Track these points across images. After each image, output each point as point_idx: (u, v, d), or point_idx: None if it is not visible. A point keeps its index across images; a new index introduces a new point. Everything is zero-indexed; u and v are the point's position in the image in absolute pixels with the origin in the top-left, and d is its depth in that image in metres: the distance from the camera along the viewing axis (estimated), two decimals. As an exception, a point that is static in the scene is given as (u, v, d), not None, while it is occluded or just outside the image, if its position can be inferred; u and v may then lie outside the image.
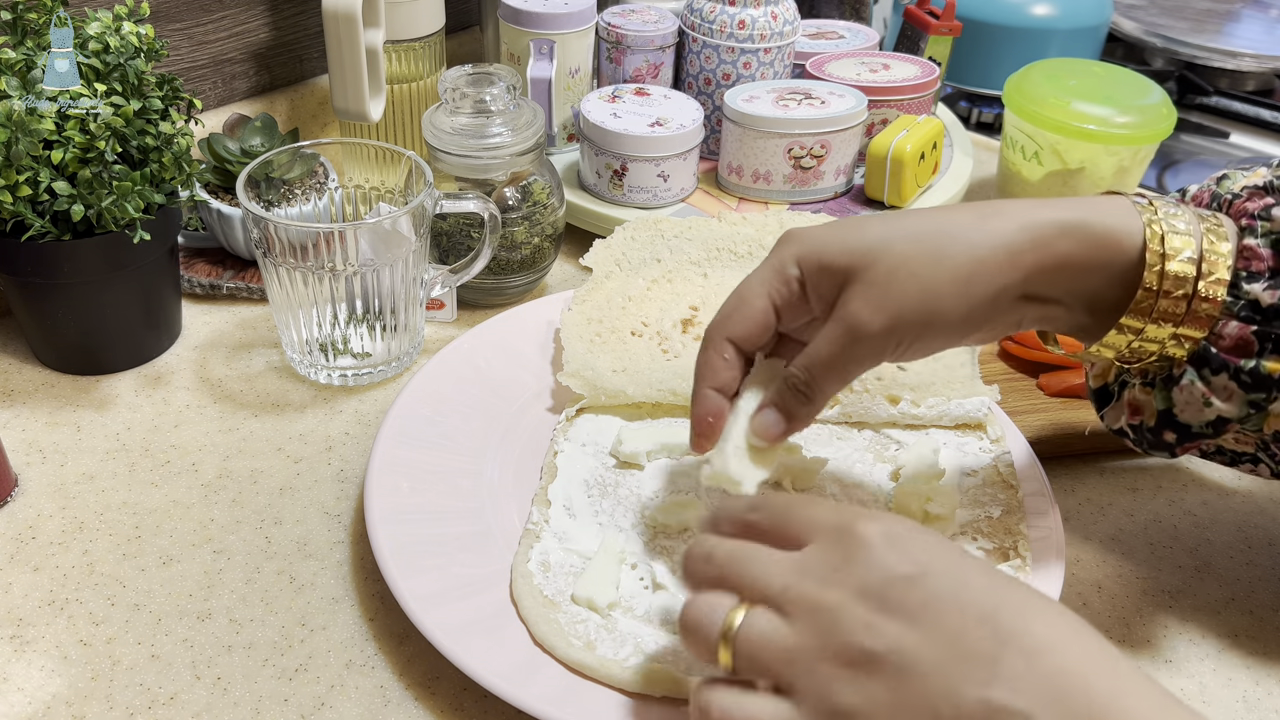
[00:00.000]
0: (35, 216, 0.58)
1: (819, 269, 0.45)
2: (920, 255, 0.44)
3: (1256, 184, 0.45)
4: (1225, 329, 0.44)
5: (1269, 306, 0.43)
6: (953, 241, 0.44)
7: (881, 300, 0.44)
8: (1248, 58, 1.19)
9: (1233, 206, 0.45)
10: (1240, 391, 0.44)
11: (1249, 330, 0.43)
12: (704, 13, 0.82)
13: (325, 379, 0.66)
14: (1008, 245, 0.43)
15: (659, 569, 0.52)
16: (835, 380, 0.46)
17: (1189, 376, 0.45)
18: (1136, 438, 0.48)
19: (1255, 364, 0.43)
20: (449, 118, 0.68)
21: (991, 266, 0.43)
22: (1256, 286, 0.43)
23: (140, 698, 0.47)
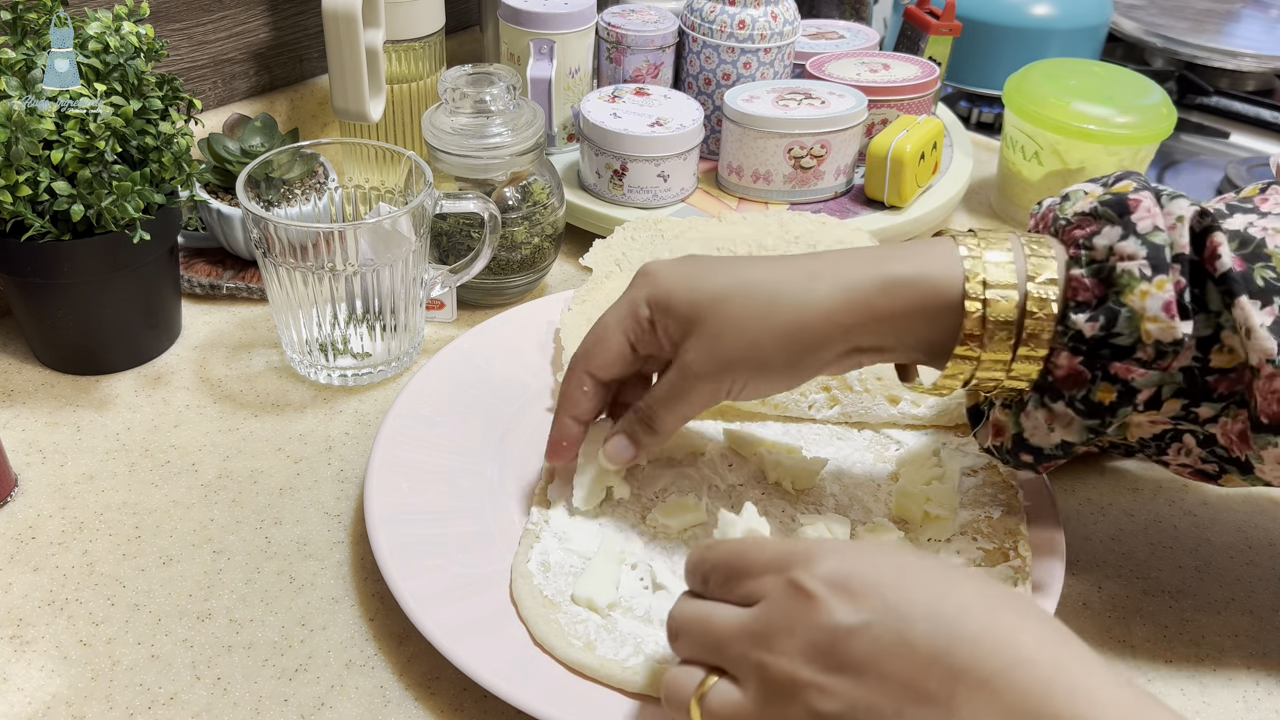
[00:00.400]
0: (35, 216, 0.58)
1: (665, 313, 0.49)
2: (749, 313, 0.47)
3: (1084, 210, 0.46)
4: (1058, 359, 0.45)
5: (1092, 338, 0.44)
6: (778, 302, 0.47)
7: (713, 351, 0.48)
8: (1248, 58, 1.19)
9: (1064, 232, 0.46)
10: (1078, 418, 0.46)
11: (1077, 361, 0.45)
12: (704, 13, 0.82)
13: (325, 379, 0.66)
14: (827, 307, 0.47)
15: (659, 569, 0.52)
16: (676, 415, 0.51)
17: (1032, 403, 0.47)
18: (1000, 457, 0.50)
19: (1086, 392, 0.45)
20: (449, 118, 0.68)
21: (813, 327, 0.47)
22: (1080, 318, 0.44)
23: (140, 698, 0.47)
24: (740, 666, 0.38)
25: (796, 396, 0.61)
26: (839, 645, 0.36)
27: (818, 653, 0.36)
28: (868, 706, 0.35)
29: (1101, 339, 0.44)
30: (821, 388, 0.61)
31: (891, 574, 0.37)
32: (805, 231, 0.72)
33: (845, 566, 0.38)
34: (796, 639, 0.37)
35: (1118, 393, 0.45)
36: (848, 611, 0.36)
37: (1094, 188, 0.48)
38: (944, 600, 0.36)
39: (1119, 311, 0.43)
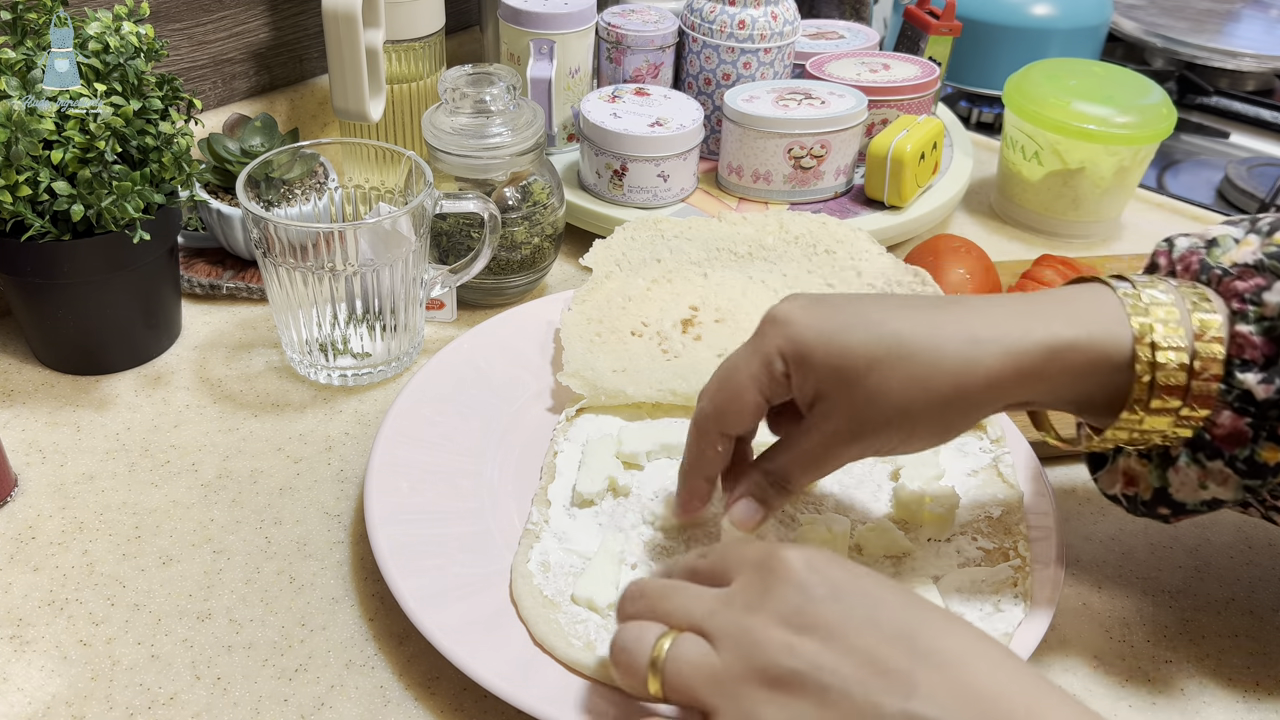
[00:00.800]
0: (35, 216, 0.58)
1: (802, 369, 0.45)
2: (904, 381, 0.44)
3: (1247, 261, 0.44)
4: (1220, 418, 0.43)
5: (1264, 400, 0.42)
6: (938, 370, 0.44)
7: (861, 418, 0.45)
8: (1248, 58, 1.19)
9: (1222, 283, 0.44)
10: (1235, 477, 0.44)
11: (1243, 422, 0.43)
12: (704, 13, 0.82)
13: (325, 379, 0.66)
14: (991, 373, 0.43)
15: (659, 569, 0.52)
16: (812, 477, 0.49)
17: (1184, 459, 0.45)
18: (1130, 506, 0.48)
19: (1250, 452, 0.43)
20: (449, 118, 0.68)
21: (974, 393, 0.44)
22: (1250, 377, 0.42)
23: (140, 698, 0.47)
24: (712, 623, 0.39)
25: None
26: (809, 609, 0.37)
27: (790, 615, 0.38)
28: (832, 669, 0.36)
29: (1275, 401, 0.42)
30: None
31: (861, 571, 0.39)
32: (805, 231, 0.72)
33: (819, 557, 0.39)
34: (772, 602, 0.38)
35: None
36: (820, 584, 0.38)
37: (1242, 233, 0.46)
38: (913, 600, 0.39)
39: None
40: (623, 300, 0.67)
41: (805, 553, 0.39)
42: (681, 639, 0.39)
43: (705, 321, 0.66)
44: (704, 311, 0.66)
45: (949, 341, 0.44)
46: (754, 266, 0.70)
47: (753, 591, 0.39)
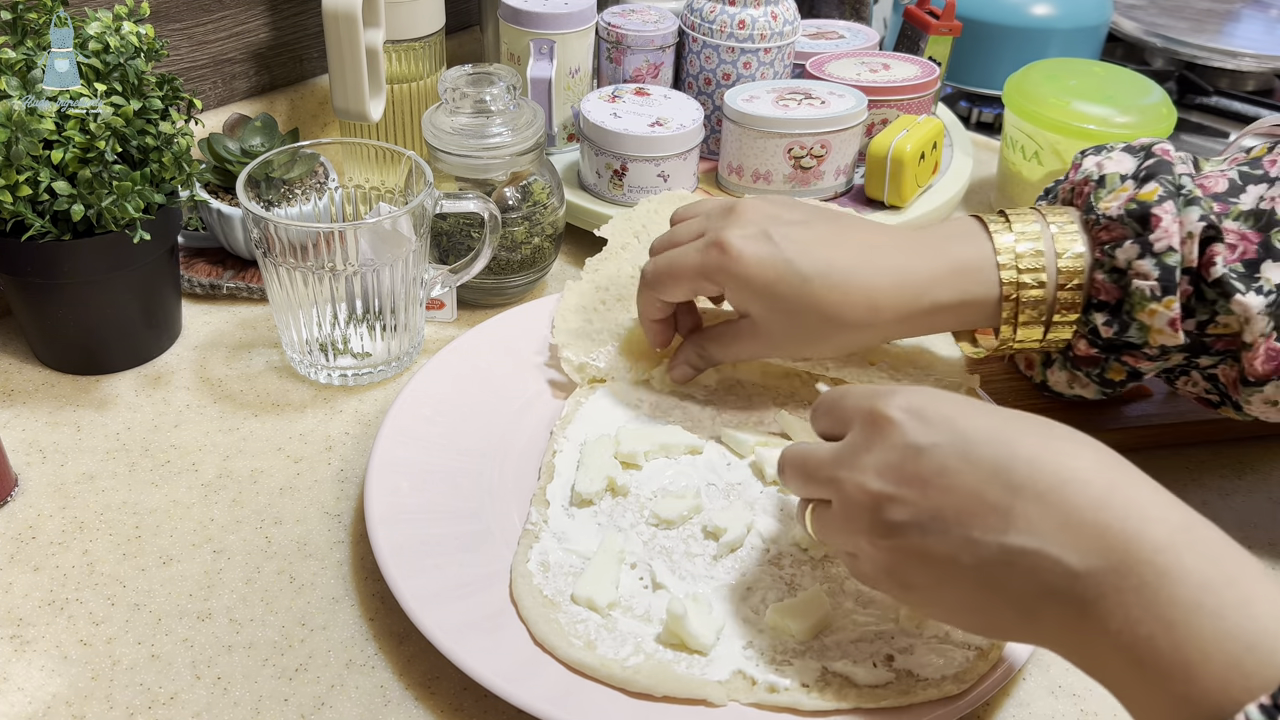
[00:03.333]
0: (35, 216, 0.58)
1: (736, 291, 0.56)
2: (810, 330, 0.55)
3: (1112, 214, 0.52)
4: (1078, 344, 0.55)
5: (1107, 339, 0.53)
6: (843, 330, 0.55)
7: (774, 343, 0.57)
8: (1248, 58, 1.19)
9: (1092, 230, 0.53)
10: (1093, 385, 0.57)
11: (1094, 350, 0.54)
12: (704, 13, 0.82)
13: (325, 379, 0.66)
14: (884, 333, 0.56)
15: (658, 568, 0.52)
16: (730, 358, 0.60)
17: (1058, 363, 0.58)
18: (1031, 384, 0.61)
19: (1101, 370, 0.56)
20: (449, 118, 0.68)
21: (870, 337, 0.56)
22: (1099, 317, 0.53)
23: (140, 697, 0.47)
24: (826, 487, 0.44)
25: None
26: (909, 461, 0.40)
27: (890, 468, 0.41)
28: (933, 514, 0.39)
29: (1115, 339, 0.53)
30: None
31: (959, 406, 0.42)
32: None
33: (919, 398, 0.42)
34: (873, 456, 0.41)
35: (1127, 372, 0.55)
36: (920, 433, 0.41)
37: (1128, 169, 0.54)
38: (1004, 427, 0.40)
39: (1130, 323, 0.52)
40: (634, 270, 0.68)
41: (904, 399, 0.42)
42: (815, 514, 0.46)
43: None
44: None
45: (855, 307, 0.54)
46: None
47: (858, 446, 0.42)
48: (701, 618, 0.48)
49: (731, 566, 0.52)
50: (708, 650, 0.47)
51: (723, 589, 0.51)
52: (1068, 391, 0.58)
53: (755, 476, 0.58)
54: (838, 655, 0.47)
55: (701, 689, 0.46)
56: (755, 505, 0.56)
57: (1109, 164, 0.55)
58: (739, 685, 0.46)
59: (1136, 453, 0.64)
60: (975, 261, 0.54)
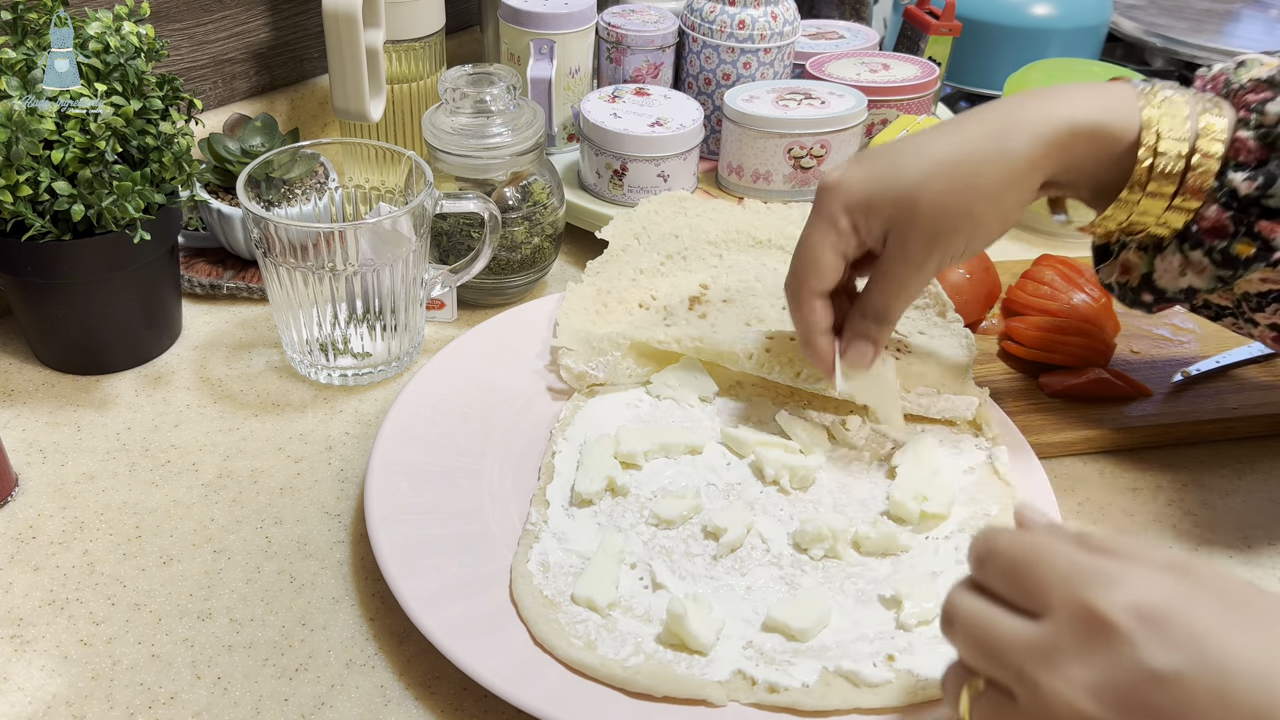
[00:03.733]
0: (35, 216, 0.58)
1: (868, 216, 0.51)
2: (957, 188, 0.49)
3: (1261, 77, 0.49)
4: (1207, 211, 0.50)
5: (1245, 196, 0.48)
6: (982, 171, 0.49)
7: (931, 238, 0.51)
8: (1248, 58, 1.19)
9: (1236, 95, 0.50)
10: (1211, 267, 0.50)
11: (1225, 215, 0.49)
12: (704, 13, 0.82)
13: (325, 379, 0.66)
14: (1027, 158, 0.49)
15: (658, 568, 0.52)
16: (905, 302, 0.54)
17: (1171, 248, 0.52)
18: (1120, 293, 0.55)
19: (1227, 244, 0.50)
20: (449, 118, 0.68)
21: (1017, 181, 0.50)
22: (1238, 175, 0.48)
23: (140, 697, 0.47)
24: (1015, 680, 0.34)
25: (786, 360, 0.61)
26: (1140, 690, 0.31)
27: (1112, 692, 0.32)
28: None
29: (1255, 198, 0.48)
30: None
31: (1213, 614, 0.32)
32: None
33: (1155, 598, 0.32)
34: (1089, 670, 0.32)
35: (1256, 249, 0.49)
36: (1158, 654, 0.31)
37: (1271, 59, 0.51)
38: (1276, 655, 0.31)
39: (1278, 176, 0.47)
40: (634, 272, 0.68)
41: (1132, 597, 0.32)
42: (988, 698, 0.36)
43: (713, 300, 0.66)
44: (714, 290, 0.67)
45: (983, 145, 0.49)
46: (770, 254, 0.71)
47: (1067, 649, 0.33)
48: (701, 618, 0.48)
49: (731, 566, 0.52)
50: (708, 650, 0.47)
51: (723, 589, 0.51)
52: (1175, 284, 0.52)
53: (755, 476, 0.58)
54: (838, 655, 0.47)
55: (701, 689, 0.46)
56: (755, 505, 0.56)
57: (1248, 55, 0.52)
58: (739, 685, 0.46)
59: (1137, 453, 0.64)
60: (1115, 92, 0.50)
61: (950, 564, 0.52)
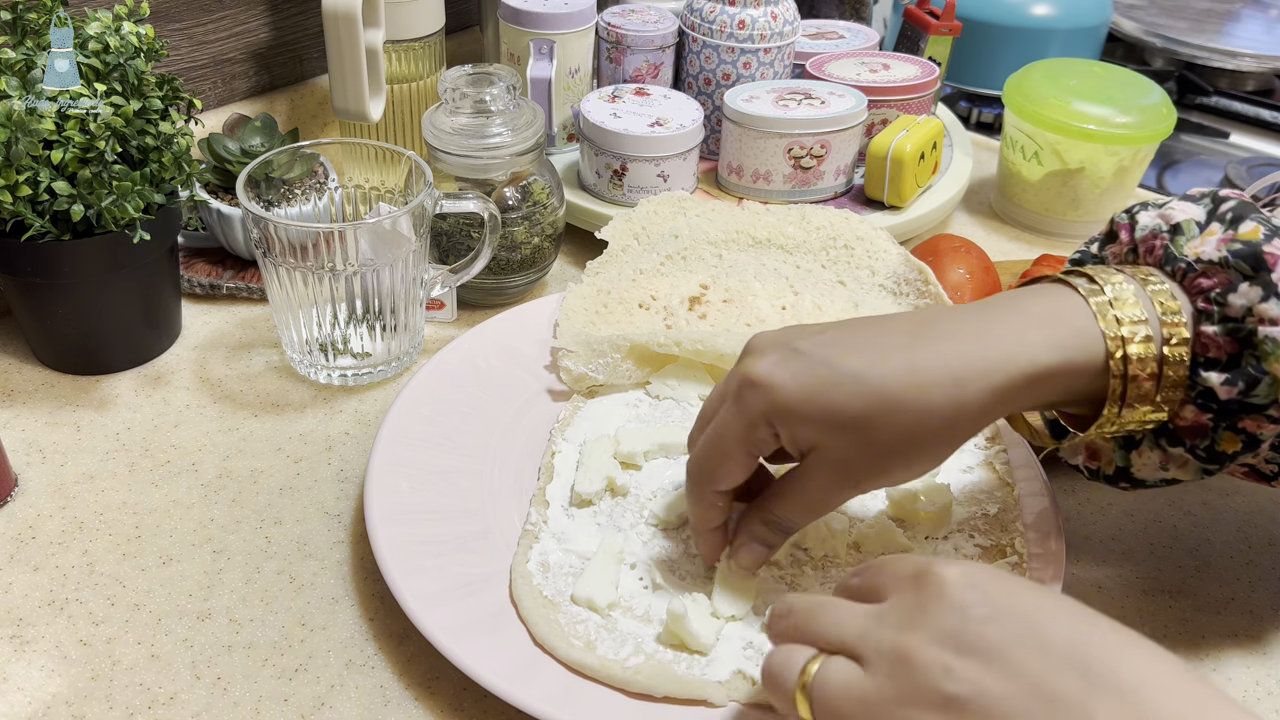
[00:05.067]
0: (35, 216, 0.58)
1: (791, 428, 0.45)
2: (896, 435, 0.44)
3: (1211, 258, 0.44)
4: (1184, 411, 0.45)
5: (1226, 400, 0.44)
6: (928, 421, 0.44)
7: (855, 468, 0.45)
8: (1248, 58, 1.19)
9: (1186, 279, 0.45)
10: (1195, 462, 0.46)
11: (1205, 417, 0.45)
12: (704, 13, 0.82)
13: (325, 379, 0.66)
14: (979, 410, 0.44)
15: (658, 569, 0.52)
16: (811, 519, 0.49)
17: (1148, 444, 0.47)
18: (1090, 475, 0.50)
19: (1210, 442, 0.45)
20: (449, 118, 0.68)
21: (964, 428, 0.45)
22: (1213, 376, 0.44)
23: (140, 697, 0.47)
24: (865, 645, 0.37)
25: None
26: (969, 629, 0.35)
27: (949, 635, 0.35)
28: (996, 695, 0.34)
29: (1236, 400, 0.43)
30: None
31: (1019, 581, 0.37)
32: (827, 223, 0.72)
33: (978, 572, 0.37)
34: (929, 620, 0.36)
35: (1242, 443, 0.45)
36: (981, 602, 0.36)
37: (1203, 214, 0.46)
38: (1075, 608, 0.36)
39: (1260, 378, 0.43)
40: (634, 273, 0.68)
41: (963, 568, 0.37)
42: (830, 661, 0.38)
43: (713, 300, 0.66)
44: (713, 290, 0.67)
45: (934, 389, 0.43)
46: (770, 254, 0.71)
47: (907, 609, 0.37)
48: (701, 618, 0.48)
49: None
50: (708, 650, 0.47)
51: (722, 589, 0.51)
52: (1154, 476, 0.48)
53: (755, 476, 0.58)
54: (838, 655, 0.47)
55: (702, 689, 0.46)
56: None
57: (1174, 213, 0.47)
58: (739, 685, 0.46)
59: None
60: (1066, 313, 0.45)
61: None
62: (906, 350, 0.44)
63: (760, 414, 0.46)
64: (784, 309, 0.66)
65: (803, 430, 0.45)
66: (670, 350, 0.62)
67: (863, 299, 0.67)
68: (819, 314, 0.65)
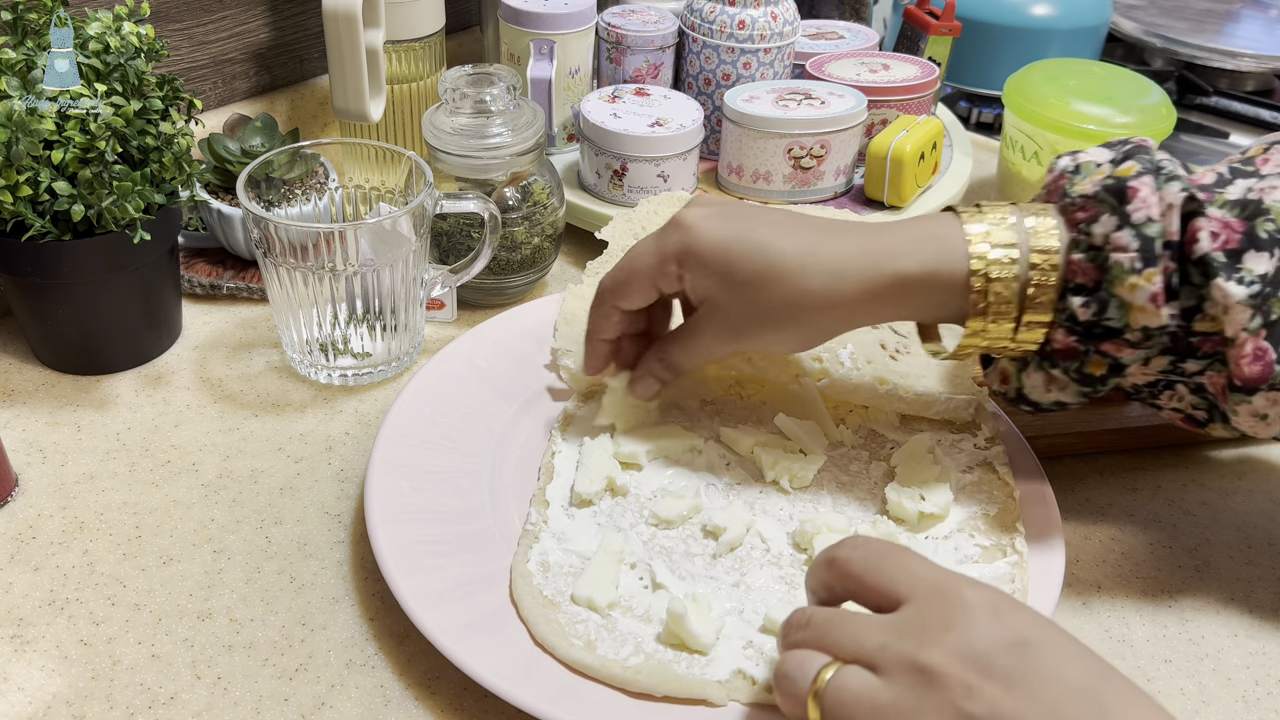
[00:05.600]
0: (35, 216, 0.58)
1: (695, 272, 0.52)
2: (778, 297, 0.51)
3: (1088, 192, 0.48)
4: (1055, 334, 0.49)
5: (1085, 321, 0.48)
6: (806, 294, 0.50)
7: (738, 320, 0.52)
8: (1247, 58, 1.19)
9: (1068, 212, 0.49)
10: (1073, 384, 0.51)
11: (1072, 339, 0.49)
12: (704, 13, 0.82)
13: (325, 379, 0.66)
14: (848, 301, 0.50)
15: (658, 568, 0.52)
16: (694, 361, 0.55)
17: (1033, 364, 0.52)
18: (1007, 401, 0.54)
19: (1080, 364, 0.50)
20: (449, 118, 0.68)
21: (835, 313, 0.51)
22: (1076, 301, 0.48)
23: (140, 697, 0.47)
24: (884, 656, 0.38)
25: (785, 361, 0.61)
26: (995, 655, 0.36)
27: (972, 656, 0.36)
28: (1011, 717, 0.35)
29: (1094, 322, 0.48)
30: (814, 358, 0.61)
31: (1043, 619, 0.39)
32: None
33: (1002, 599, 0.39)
34: (953, 638, 0.37)
35: (1108, 366, 0.49)
36: (1006, 629, 0.37)
37: (1104, 158, 0.50)
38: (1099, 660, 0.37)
39: (1109, 300, 0.47)
40: None
41: (986, 592, 0.38)
42: (846, 671, 0.38)
43: None
44: None
45: (816, 271, 0.50)
46: None
47: (930, 624, 0.38)
48: (701, 617, 0.48)
49: (731, 566, 0.52)
50: (708, 650, 0.47)
51: (722, 588, 0.51)
52: (1045, 398, 0.52)
53: (755, 476, 0.58)
54: (837, 655, 0.47)
55: (701, 689, 0.46)
56: (754, 505, 0.56)
57: (1084, 156, 0.52)
58: (739, 685, 0.46)
59: (1137, 453, 0.64)
60: (943, 234, 0.50)
61: (949, 564, 0.52)
62: (810, 238, 0.51)
63: (674, 251, 0.52)
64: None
65: (702, 279, 0.52)
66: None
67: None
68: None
